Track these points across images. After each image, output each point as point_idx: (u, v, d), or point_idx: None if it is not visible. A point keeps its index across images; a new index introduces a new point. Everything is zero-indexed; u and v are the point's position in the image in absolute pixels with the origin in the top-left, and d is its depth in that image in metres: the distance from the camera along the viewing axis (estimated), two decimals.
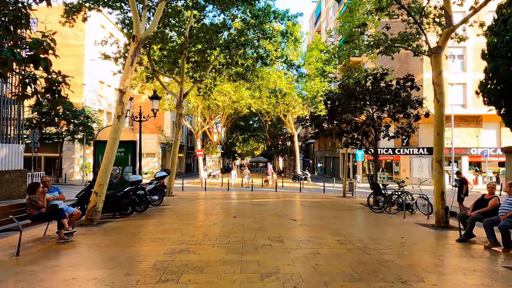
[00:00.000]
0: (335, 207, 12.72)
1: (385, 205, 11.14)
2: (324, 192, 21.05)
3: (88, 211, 8.73)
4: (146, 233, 7.45)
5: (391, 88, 12.60)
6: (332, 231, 7.69)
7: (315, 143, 54.74)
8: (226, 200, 14.80)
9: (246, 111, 29.22)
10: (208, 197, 16.18)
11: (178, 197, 16.14)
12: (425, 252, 5.95)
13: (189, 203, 13.37)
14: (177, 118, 17.02)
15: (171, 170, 17.00)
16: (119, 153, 11.13)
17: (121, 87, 9.64)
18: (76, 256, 5.38)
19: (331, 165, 44.96)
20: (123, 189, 9.76)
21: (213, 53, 18.07)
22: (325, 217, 9.83)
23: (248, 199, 15.43)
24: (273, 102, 30.20)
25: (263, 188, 23.79)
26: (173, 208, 11.67)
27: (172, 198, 15.32)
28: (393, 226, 8.84)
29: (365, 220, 9.84)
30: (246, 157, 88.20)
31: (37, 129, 25.35)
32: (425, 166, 30.47)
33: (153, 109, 13.36)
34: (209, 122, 33.47)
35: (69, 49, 33.77)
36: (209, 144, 38.25)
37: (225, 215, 9.99)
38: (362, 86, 12.61)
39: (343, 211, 11.43)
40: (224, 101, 27.74)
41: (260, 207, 12.12)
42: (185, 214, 10.25)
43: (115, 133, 9.28)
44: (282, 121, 50.55)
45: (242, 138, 59.79)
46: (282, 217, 9.78)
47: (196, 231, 7.48)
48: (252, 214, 10.28)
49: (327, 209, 11.85)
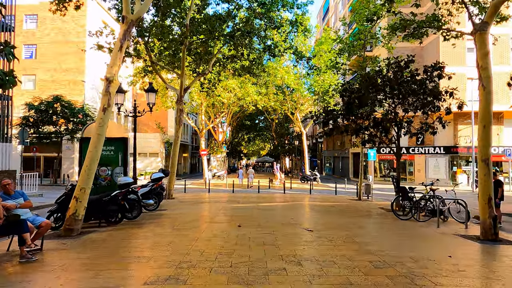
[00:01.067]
0: (353, 212, 11.25)
1: (413, 211, 9.66)
2: (336, 194, 19.57)
3: (66, 220, 7.41)
4: (131, 248, 6.10)
5: (416, 78, 11.10)
6: (360, 246, 6.25)
7: (323, 143, 53.14)
8: (230, 204, 13.42)
9: (252, 109, 27.83)
10: (211, 200, 14.83)
11: (179, 200, 14.81)
12: (492, 280, 4.48)
13: (190, 208, 12.02)
14: (178, 115, 15.70)
15: (171, 170, 15.68)
16: (108, 152, 9.83)
17: (107, 75, 8.32)
18: (28, 287, 4.04)
19: (340, 165, 43.36)
20: (110, 193, 8.43)
21: (217, 44, 16.71)
22: (346, 226, 8.40)
23: (254, 202, 14.04)
24: (280, 99, 28.76)
25: (270, 190, 22.39)
26: (170, 214, 10.32)
27: (172, 202, 13.99)
28: (430, 238, 7.36)
29: (393, 230, 8.36)
30: (252, 157, 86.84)
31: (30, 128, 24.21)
32: (441, 166, 28.76)
33: (149, 103, 12.04)
34: (213, 120, 32.15)
35: (69, 46, 32.78)
36: (214, 143, 36.95)
37: (228, 224, 8.60)
38: (384, 75, 11.12)
39: (364, 218, 9.97)
40: (229, 98, 26.39)
41: (268, 212, 10.72)
42: (183, 222, 8.89)
43: (100, 128, 7.95)
44: (289, 120, 49.13)
45: (248, 138, 58.41)
46: (295, 226, 8.37)
47: (191, 246, 6.09)
48: (260, 222, 8.88)
49: (345, 215, 10.40)
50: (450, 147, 28.09)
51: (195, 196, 17.21)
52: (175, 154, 15.64)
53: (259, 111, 40.65)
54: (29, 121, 24.25)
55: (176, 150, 15.63)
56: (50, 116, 24.59)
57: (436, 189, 9.96)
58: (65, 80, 32.70)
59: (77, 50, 32.60)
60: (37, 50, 33.67)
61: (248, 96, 25.90)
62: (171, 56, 16.62)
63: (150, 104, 12.02)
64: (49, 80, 33.21)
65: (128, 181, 8.73)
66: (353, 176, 37.69)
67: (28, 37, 33.99)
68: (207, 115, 36.18)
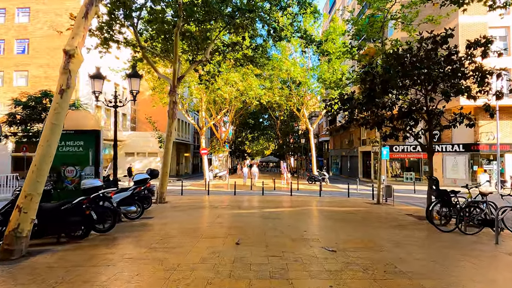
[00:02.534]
0: (377, 221, 9.27)
1: (457, 220, 7.64)
2: (349, 197, 17.57)
3: (5, 238, 5.54)
4: (80, 283, 4.20)
5: (452, 58, 9.08)
6: (412, 282, 4.29)
7: (330, 141, 51.03)
8: (230, 209, 11.49)
9: (255, 103, 25.82)
10: (209, 205, 12.91)
11: (172, 204, 12.92)
12: None
13: (181, 215, 10.11)
14: (170, 107, 13.80)
15: (163, 170, 13.81)
16: (76, 148, 7.95)
17: (67, 47, 6.46)
18: None
19: (348, 164, 41.25)
20: (72, 200, 6.54)
21: (215, 29, 14.78)
22: (377, 243, 6.42)
23: (258, 207, 12.09)
24: (286, 94, 26.76)
25: (275, 192, 20.43)
26: (155, 225, 8.42)
27: (163, 207, 12.10)
28: (501, 264, 5.38)
29: (442, 249, 6.34)
30: (256, 157, 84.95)
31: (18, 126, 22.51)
32: (460, 165, 26.58)
33: (132, 91, 10.14)
34: (215, 117, 30.25)
35: (63, 40, 31.09)
36: (216, 142, 35.06)
37: (224, 239, 6.66)
38: (415, 54, 9.11)
39: (395, 229, 7.97)
40: (230, 93, 24.44)
41: (274, 222, 8.77)
42: (166, 236, 6.97)
43: (56, 116, 6.08)
44: (294, 118, 47.10)
45: (252, 137, 56.42)
46: (310, 243, 6.41)
47: (164, 283, 4.18)
48: (265, 237, 6.93)
49: (370, 226, 8.42)
50: (470, 145, 25.91)
51: (192, 199, 15.31)
52: (168, 152, 13.76)
53: (263, 108, 38.72)
54: (15, 118, 22.53)
55: (169, 147, 13.75)
56: (39, 113, 22.85)
57: (488, 193, 7.93)
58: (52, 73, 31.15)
59: None
60: (30, 45, 32.10)
61: (251, 90, 23.93)
62: (164, 42, 14.75)
63: (133, 92, 10.13)
64: (42, 76, 31.62)
65: (94, 185, 6.84)
66: (362, 176, 35.59)
67: (20, 32, 32.44)
68: (208, 112, 34.31)
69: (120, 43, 13.69)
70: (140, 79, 10.07)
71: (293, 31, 13.93)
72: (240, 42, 17.02)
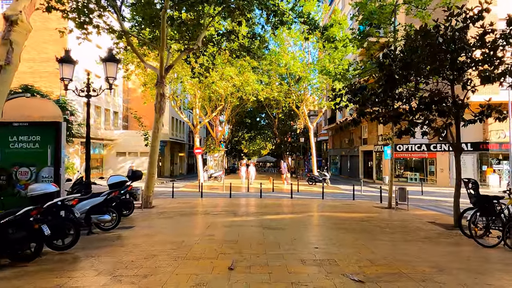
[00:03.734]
0: (398, 231, 7.81)
1: (504, 234, 6.20)
2: (354, 199, 16.15)
3: None
4: None
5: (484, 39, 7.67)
6: None
7: (329, 140, 49.65)
8: (224, 216, 9.99)
9: (252, 99, 24.30)
10: (201, 210, 11.41)
11: (159, 209, 11.41)
12: None
13: (166, 224, 8.60)
14: (158, 100, 12.29)
15: (150, 171, 12.30)
16: (32, 144, 6.41)
17: (8, 11, 4.94)
18: None
19: (348, 164, 39.88)
20: (16, 211, 5.03)
21: (208, 13, 13.28)
22: (414, 267, 4.94)
23: (256, 214, 10.60)
24: (285, 90, 25.28)
25: (274, 194, 18.97)
26: (131, 238, 6.92)
27: (148, 213, 10.59)
28: None
29: (496, 273, 4.91)
30: (253, 157, 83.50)
31: None
32: (468, 165, 25.24)
33: (108, 78, 8.60)
34: (210, 115, 28.71)
35: (50, 34, 29.47)
36: (211, 141, 33.53)
37: (213, 261, 5.16)
38: (443, 34, 7.67)
39: (426, 245, 6.49)
40: (226, 88, 22.92)
41: (276, 233, 7.29)
42: (140, 256, 5.47)
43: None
44: (292, 116, 45.64)
45: (249, 137, 54.89)
46: (326, 266, 4.94)
47: None
48: (266, 256, 5.44)
49: (394, 239, 6.93)
50: (479, 143, 24.60)
51: (183, 203, 13.80)
52: (154, 150, 12.24)
53: (260, 106, 37.23)
54: None
55: (155, 146, 12.24)
56: None
57: None
58: (45, 71, 29.34)
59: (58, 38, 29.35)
60: None
61: (248, 85, 22.41)
62: (151, 29, 13.25)
63: (109, 80, 8.60)
64: (28, 71, 29.79)
65: (46, 191, 5.32)
66: (363, 177, 34.22)
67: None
68: (204, 111, 32.77)
69: (101, 28, 12.16)
70: (118, 64, 8.54)
71: (295, 15, 12.48)
72: (235, 31, 15.55)
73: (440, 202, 15.73)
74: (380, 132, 29.92)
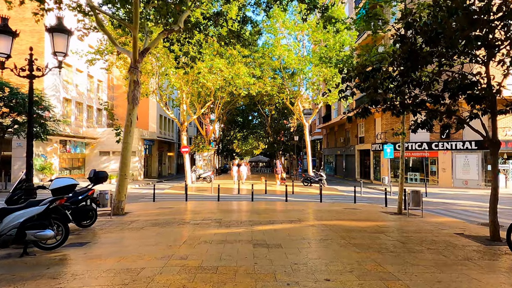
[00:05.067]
0: (427, 248, 6.12)
1: None
2: (355, 202, 14.56)
3: None
4: None
5: None
6: None
7: (323, 139, 48.16)
8: (206, 227, 8.23)
9: (243, 94, 22.49)
10: (181, 218, 9.62)
11: (131, 217, 9.61)
12: None
13: (130, 239, 6.80)
14: (130, 89, 10.48)
15: (121, 172, 10.47)
16: None
17: None
18: None
19: (343, 164, 38.36)
20: None
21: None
22: None
23: (246, 223, 8.85)
24: (278, 84, 23.57)
25: (266, 196, 17.26)
26: (74, 261, 5.13)
27: (117, 222, 8.76)
28: None
29: None
30: (245, 157, 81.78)
31: None
32: (472, 164, 23.89)
33: (56, 53, 6.74)
34: (198, 111, 26.86)
35: (25, 24, 27.37)
36: (200, 139, 31.67)
37: None
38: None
39: (471, 270, 4.82)
40: (215, 82, 21.11)
41: (271, 254, 5.56)
42: None
43: None
44: (285, 115, 43.99)
45: (241, 136, 53.06)
46: None
47: None
48: None
49: (426, 262, 5.23)
50: (484, 142, 23.22)
51: (164, 208, 12.00)
52: (127, 148, 10.42)
53: (252, 103, 35.51)
54: None
55: (128, 142, 10.41)
56: None
57: None
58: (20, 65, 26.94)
59: (34, 28, 27.25)
60: None
61: (239, 78, 20.65)
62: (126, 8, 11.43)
63: (57, 55, 6.76)
64: None
65: None
66: (360, 177, 32.75)
67: None
68: (193, 108, 30.87)
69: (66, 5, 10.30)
70: (69, 36, 6.70)
71: None
72: (224, 13, 13.81)
73: (449, 205, 14.21)
74: (378, 130, 28.46)
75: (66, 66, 29.54)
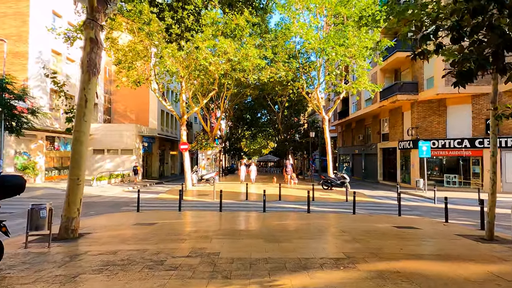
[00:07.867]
0: None
1: None
2: (400, 215, 10.94)
3: None
4: None
5: None
6: None
7: (338, 138, 44.30)
8: (189, 275, 4.69)
9: (252, 80, 18.76)
10: (154, 252, 6.10)
11: (81, 246, 6.14)
12: None
13: None
14: (86, 51, 7.00)
15: (72, 174, 7.00)
16: None
17: None
18: None
19: (362, 164, 34.50)
20: None
21: None
22: None
23: (260, 267, 5.28)
24: (294, 68, 19.95)
25: (281, 204, 13.70)
26: None
27: (51, 255, 5.23)
28: None
29: None
30: (253, 156, 78.29)
31: None
32: (509, 164, 19.92)
33: None
34: (201, 102, 23.36)
35: (8, 6, 24.33)
36: (203, 135, 28.19)
37: None
38: None
39: None
40: (218, 65, 17.58)
41: None
42: None
43: None
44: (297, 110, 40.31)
45: (249, 135, 49.43)
46: None
47: None
48: None
49: None
50: None
51: (144, 223, 8.53)
52: (80, 139, 6.93)
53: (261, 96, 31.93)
54: None
55: (82, 131, 6.93)
56: None
57: None
58: (1, 51, 24.07)
59: (18, 10, 24.18)
60: None
61: (247, 60, 17.08)
62: None
63: None
64: None
65: None
66: (383, 179, 28.95)
67: None
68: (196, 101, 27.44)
69: None
70: None
71: None
72: None
73: None
74: (407, 125, 24.64)
75: (55, 54, 26.45)
